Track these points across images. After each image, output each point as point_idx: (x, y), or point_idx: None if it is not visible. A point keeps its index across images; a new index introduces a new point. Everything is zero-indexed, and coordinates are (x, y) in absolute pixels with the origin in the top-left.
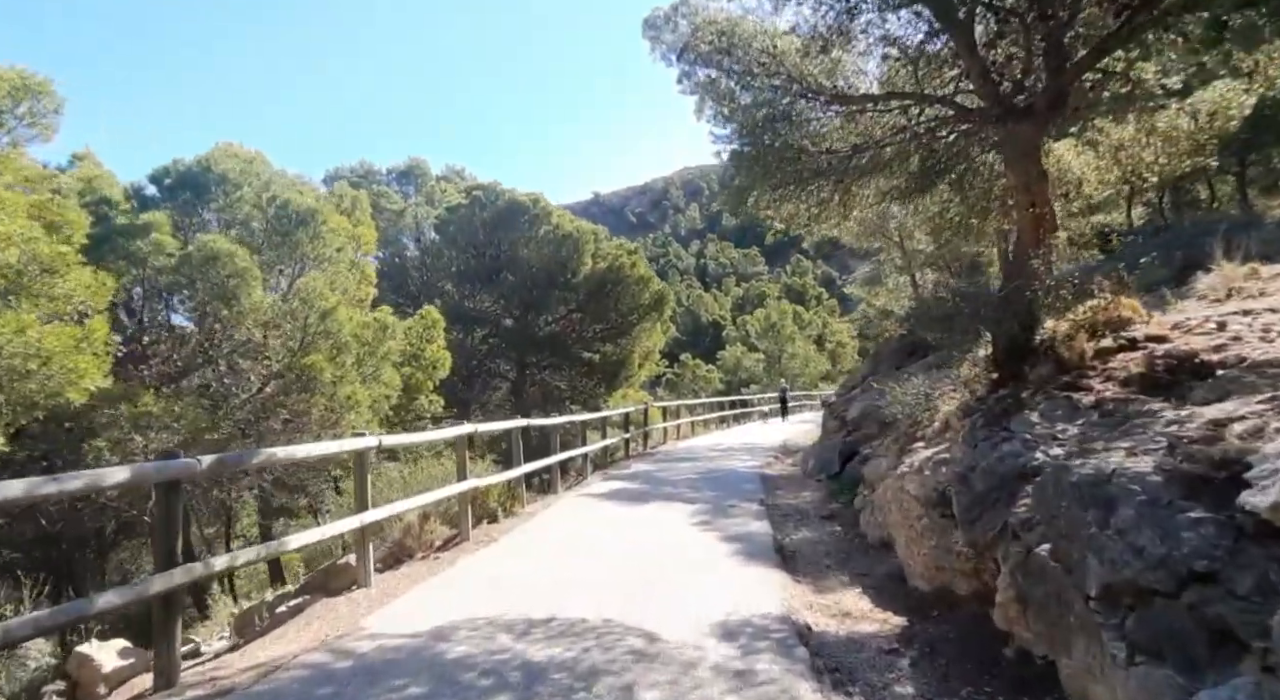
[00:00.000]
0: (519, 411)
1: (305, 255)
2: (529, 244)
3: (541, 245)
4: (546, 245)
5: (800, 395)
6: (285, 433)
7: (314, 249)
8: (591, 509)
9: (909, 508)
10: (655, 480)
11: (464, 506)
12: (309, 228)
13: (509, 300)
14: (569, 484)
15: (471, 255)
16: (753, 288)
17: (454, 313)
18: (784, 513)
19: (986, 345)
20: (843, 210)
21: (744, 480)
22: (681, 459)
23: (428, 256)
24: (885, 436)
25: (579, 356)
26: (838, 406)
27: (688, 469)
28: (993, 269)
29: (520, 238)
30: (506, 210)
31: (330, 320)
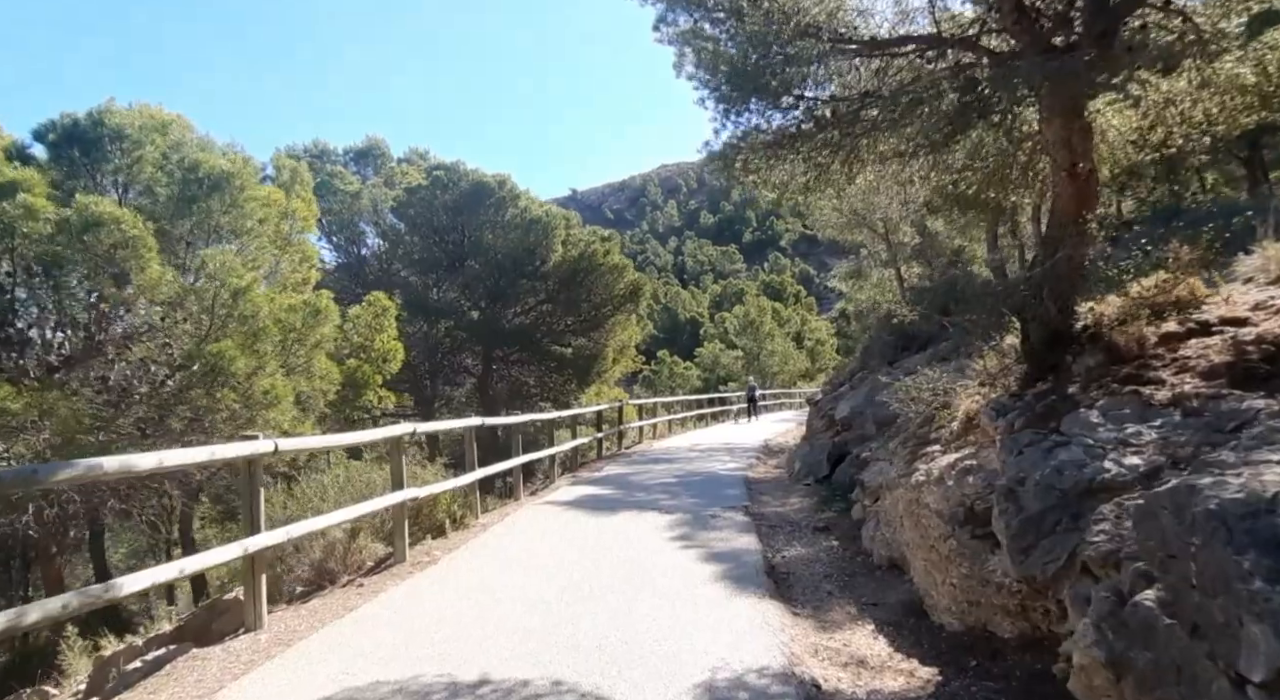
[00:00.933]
0: (486, 409)
1: (218, 227)
2: (495, 229)
3: (508, 230)
4: (513, 230)
5: (779, 393)
6: (189, 434)
7: (230, 220)
8: (554, 520)
9: (928, 525)
10: (629, 485)
11: (399, 521)
12: (223, 194)
13: (473, 290)
14: (534, 488)
15: (434, 242)
16: (731, 285)
17: (417, 303)
18: (772, 523)
19: (1014, 332)
20: (846, 173)
21: (726, 485)
22: (658, 460)
23: (386, 242)
24: (887, 438)
25: (549, 350)
26: (824, 404)
27: (665, 472)
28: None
29: (486, 222)
30: (471, 192)
31: (244, 301)
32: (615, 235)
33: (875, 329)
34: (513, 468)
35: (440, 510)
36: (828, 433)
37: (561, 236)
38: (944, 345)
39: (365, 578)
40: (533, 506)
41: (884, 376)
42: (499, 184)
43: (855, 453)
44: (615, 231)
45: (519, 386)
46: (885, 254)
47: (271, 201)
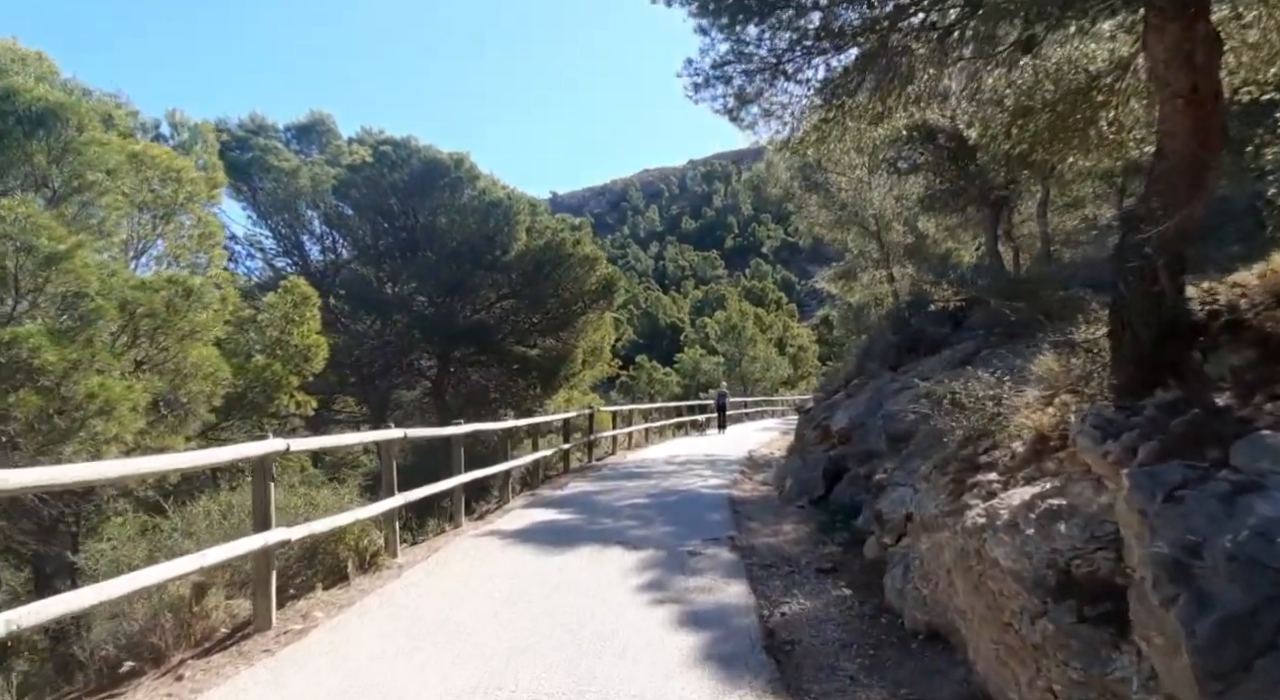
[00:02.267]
0: (442, 416)
1: (47, 178)
2: (450, 213)
3: (465, 215)
4: (470, 215)
5: (760, 400)
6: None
7: (63, 169)
8: (493, 560)
9: (998, 590)
10: (594, 508)
11: (261, 575)
12: (52, 135)
13: (427, 282)
14: (483, 510)
15: (383, 227)
16: (712, 291)
17: (365, 296)
18: (765, 561)
19: (1097, 322)
20: (873, 110)
21: (707, 506)
22: (631, 474)
23: (329, 227)
24: (904, 456)
25: (511, 352)
26: (817, 413)
27: (637, 490)
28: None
29: (440, 206)
30: (423, 172)
31: (61, 271)
32: (586, 224)
33: (875, 330)
34: (452, 489)
35: (346, 547)
36: (822, 445)
37: (525, 223)
38: (963, 347)
39: (203, 657)
40: (472, 538)
41: (893, 383)
42: (455, 163)
43: (860, 471)
44: (597, 238)
45: (478, 391)
46: (877, 254)
47: (146, 158)
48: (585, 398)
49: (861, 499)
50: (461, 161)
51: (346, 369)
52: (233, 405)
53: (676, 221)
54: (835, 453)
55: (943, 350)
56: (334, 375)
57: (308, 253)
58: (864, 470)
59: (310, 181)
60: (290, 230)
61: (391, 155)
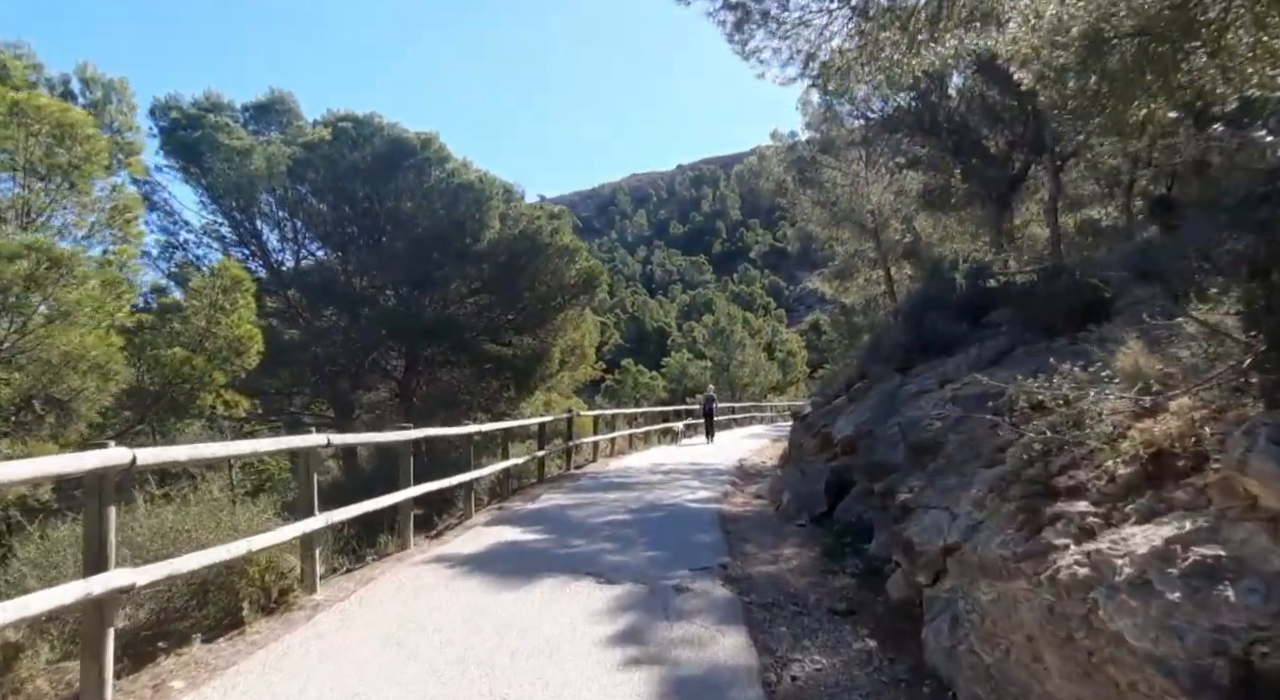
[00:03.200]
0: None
1: None
2: (415, 197)
3: (431, 199)
4: (438, 198)
5: (749, 406)
6: None
7: None
8: (434, 597)
9: (1131, 681)
10: (567, 525)
11: (91, 633)
12: None
13: (390, 272)
14: (441, 528)
15: (345, 213)
16: (700, 295)
17: (326, 289)
18: (766, 599)
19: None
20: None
21: (695, 525)
22: (611, 485)
23: (288, 214)
24: (934, 471)
25: (484, 350)
26: (816, 420)
27: (617, 504)
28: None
29: (405, 189)
30: (386, 151)
31: None
32: (566, 213)
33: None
34: (400, 504)
35: (249, 582)
36: (822, 455)
37: (498, 209)
38: (991, 345)
39: None
40: (416, 566)
41: (907, 386)
42: (422, 143)
43: (871, 486)
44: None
45: (449, 393)
46: (874, 253)
47: (29, 110)
48: (568, 401)
49: (870, 516)
50: (429, 142)
51: (306, 367)
52: (147, 406)
53: (664, 226)
54: (838, 464)
55: (958, 350)
56: (287, 373)
57: (266, 241)
58: (879, 486)
59: (266, 163)
60: (245, 217)
61: (352, 133)
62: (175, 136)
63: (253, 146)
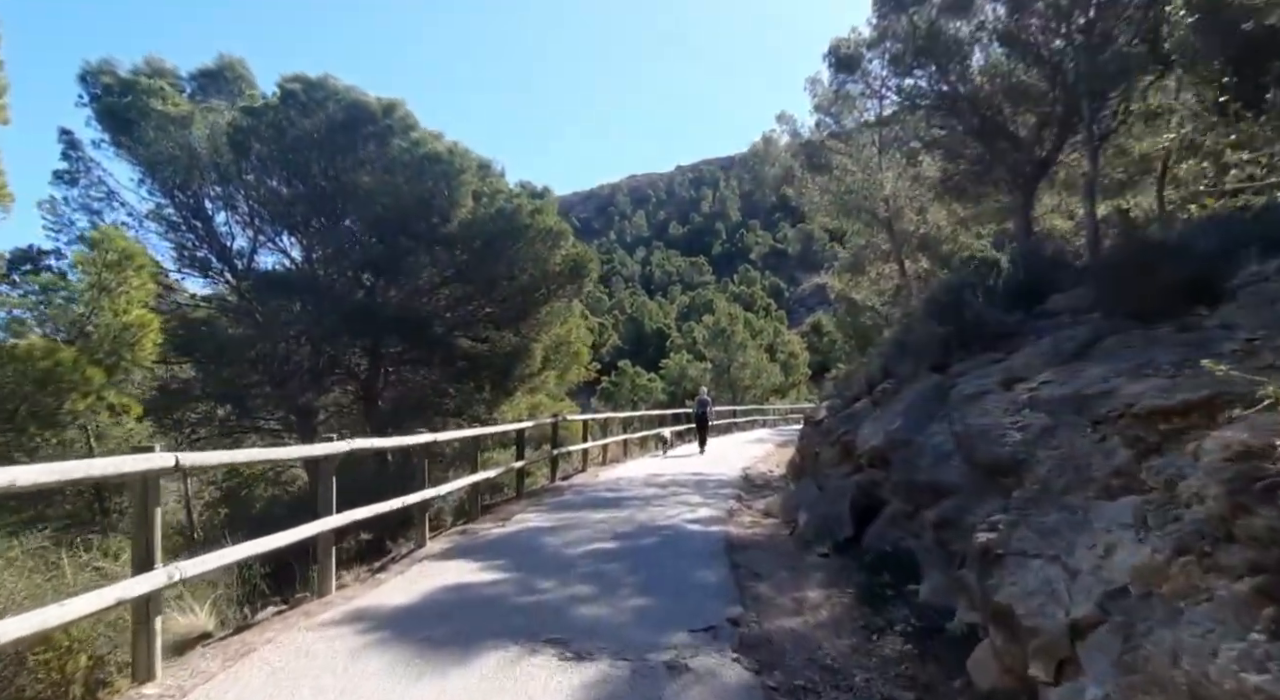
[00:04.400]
0: (373, 424)
1: None
2: (375, 170)
3: (394, 172)
4: (401, 173)
5: (751, 409)
6: None
7: None
8: (317, 685)
9: None
10: (537, 559)
11: None
12: None
13: (346, 257)
14: (382, 562)
15: (298, 190)
16: (699, 296)
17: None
18: (798, 681)
19: None
20: None
21: (696, 555)
22: (600, 501)
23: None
24: (1024, 501)
25: (454, 346)
26: (834, 426)
27: (603, 527)
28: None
29: (365, 161)
30: (343, 118)
31: None
32: (551, 193)
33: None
34: (319, 536)
35: (35, 679)
36: (842, 467)
37: (471, 184)
38: (1070, 334)
39: None
40: (314, 630)
41: (957, 387)
42: (384, 109)
43: (913, 509)
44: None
45: (418, 395)
46: (887, 244)
47: None
48: (559, 404)
49: (910, 546)
50: (392, 108)
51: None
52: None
53: (664, 227)
54: (864, 479)
55: (1012, 343)
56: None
57: (214, 224)
58: (932, 515)
59: (208, 132)
60: (188, 196)
61: (301, 96)
62: (104, 104)
63: (193, 113)
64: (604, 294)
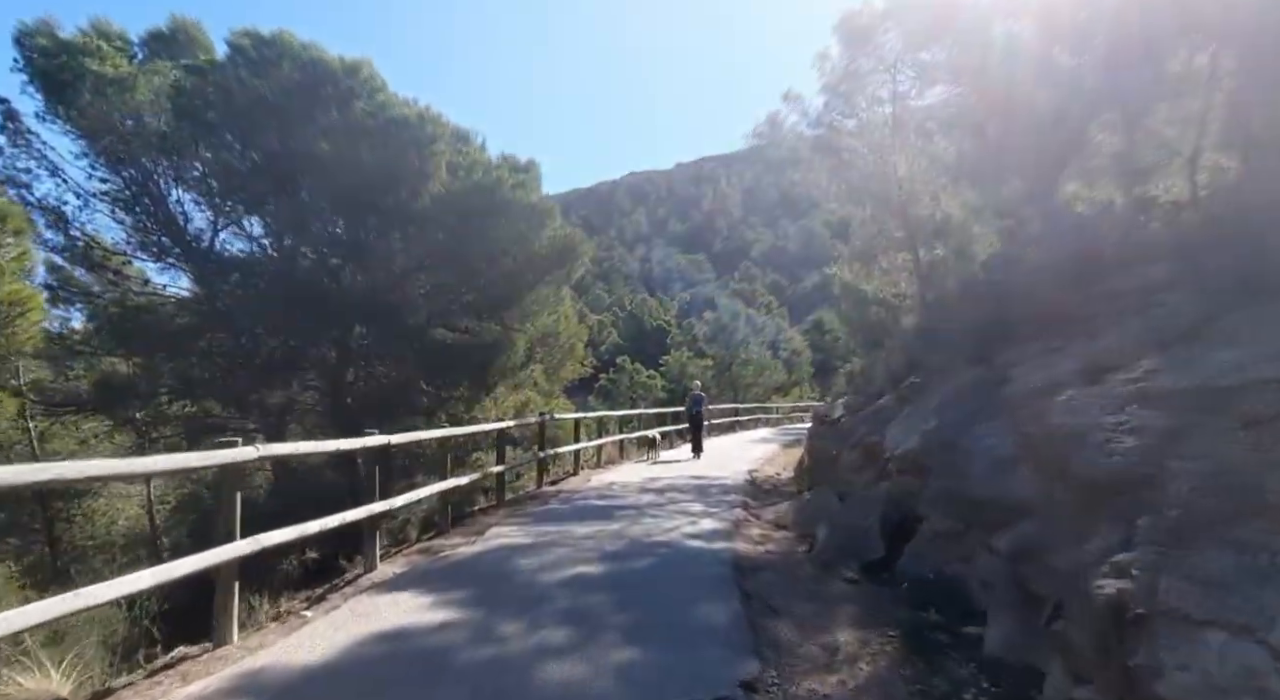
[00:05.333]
0: (341, 424)
1: None
2: (336, 138)
3: (357, 140)
4: (365, 141)
5: (753, 407)
6: None
7: None
8: None
9: None
10: (505, 588)
11: None
12: None
13: (303, 235)
14: (322, 589)
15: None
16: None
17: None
18: None
19: None
20: None
21: (699, 583)
22: (589, 510)
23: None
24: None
25: (428, 336)
26: (854, 427)
27: (589, 545)
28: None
29: (325, 128)
30: (300, 80)
31: None
32: (536, 167)
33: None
34: (221, 565)
35: None
36: (866, 473)
37: (445, 155)
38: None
39: None
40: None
41: (1033, 377)
42: (347, 69)
43: (962, 527)
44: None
45: (387, 391)
46: (899, 232)
47: None
48: (554, 402)
49: (956, 570)
50: (356, 68)
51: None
52: None
53: (664, 224)
54: (894, 488)
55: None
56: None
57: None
58: (1003, 544)
59: (153, 97)
60: (134, 169)
61: (252, 54)
62: (37, 67)
63: (135, 76)
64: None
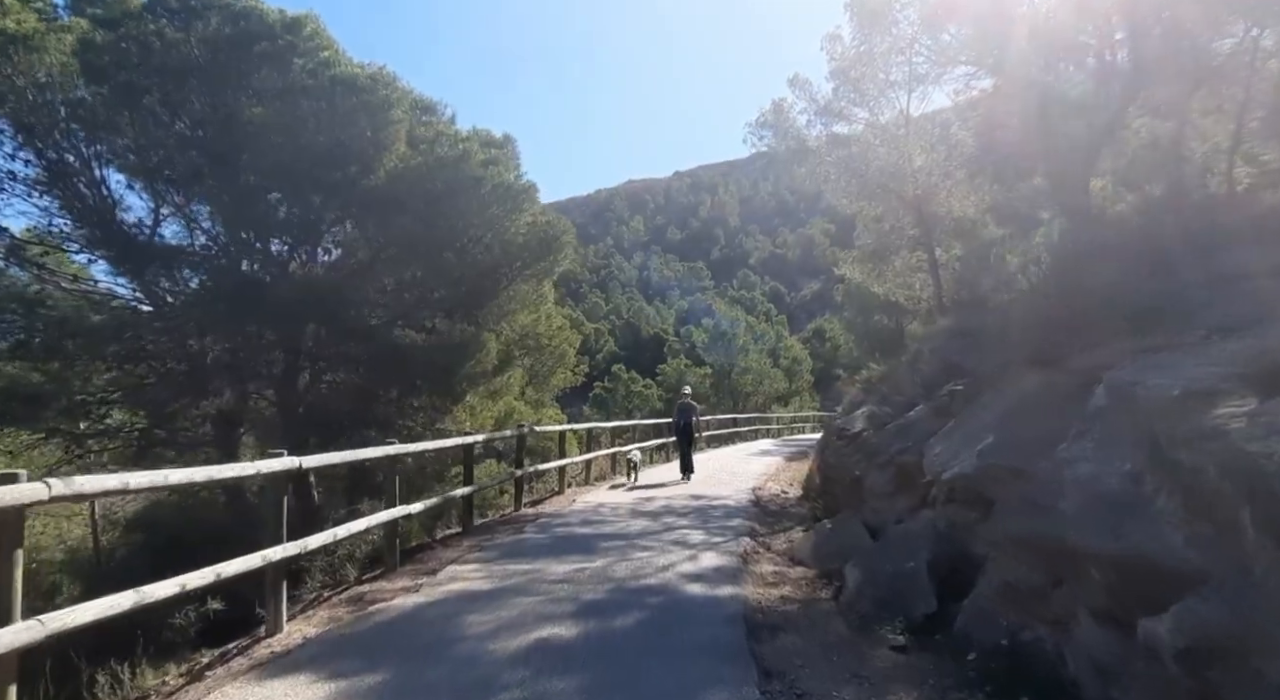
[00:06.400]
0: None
1: None
2: (272, 101)
3: (298, 104)
4: (304, 100)
5: (753, 418)
6: None
7: None
8: None
9: None
10: (441, 668)
11: None
12: None
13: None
14: (208, 659)
15: (179, 132)
16: (698, 301)
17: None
18: None
19: None
20: None
21: (700, 655)
22: (567, 543)
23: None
24: None
25: (389, 338)
26: (882, 442)
27: (563, 592)
28: None
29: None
30: (231, 33)
31: None
32: (511, 141)
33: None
34: None
35: None
36: (900, 499)
37: (403, 124)
38: None
39: None
40: None
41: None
42: (286, 24)
43: (1058, 582)
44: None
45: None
46: (914, 229)
47: None
48: (546, 412)
49: (1037, 636)
50: (298, 23)
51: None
52: None
53: (662, 232)
54: (941, 520)
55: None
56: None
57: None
58: (1162, 629)
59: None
60: (49, 144)
61: (174, 4)
62: None
63: (41, 32)
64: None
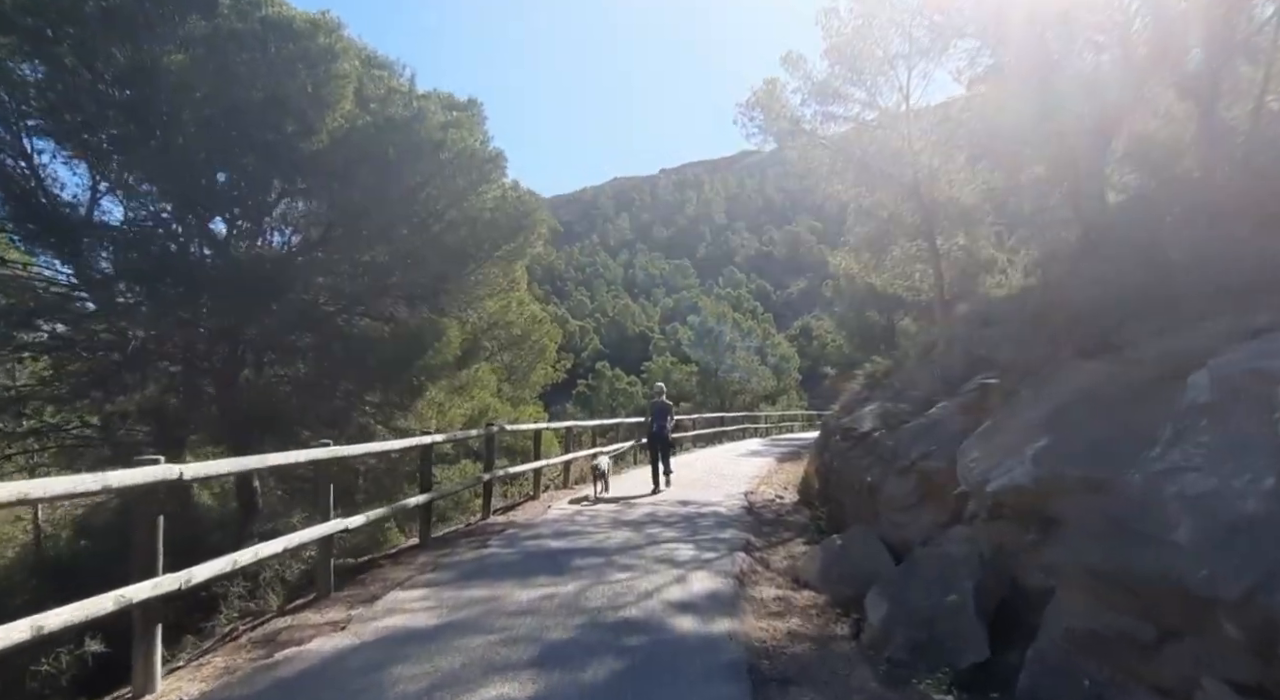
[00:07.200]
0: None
1: None
2: (197, 49)
3: (226, 52)
4: (232, 45)
5: (741, 417)
6: None
7: None
8: None
9: None
10: None
11: None
12: None
13: (164, 186)
14: None
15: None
16: (684, 299)
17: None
18: None
19: None
20: None
21: None
22: (535, 560)
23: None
24: None
25: (332, 325)
26: (900, 446)
27: (523, 628)
28: None
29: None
30: None
31: None
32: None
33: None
34: None
35: None
36: (926, 512)
37: (351, 80)
38: None
39: None
40: None
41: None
42: None
43: (1163, 639)
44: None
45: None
46: (913, 216)
47: None
48: (526, 409)
49: None
50: None
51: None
52: None
53: (648, 230)
54: (985, 540)
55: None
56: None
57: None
58: None
59: None
60: None
61: None
62: None
63: None
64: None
